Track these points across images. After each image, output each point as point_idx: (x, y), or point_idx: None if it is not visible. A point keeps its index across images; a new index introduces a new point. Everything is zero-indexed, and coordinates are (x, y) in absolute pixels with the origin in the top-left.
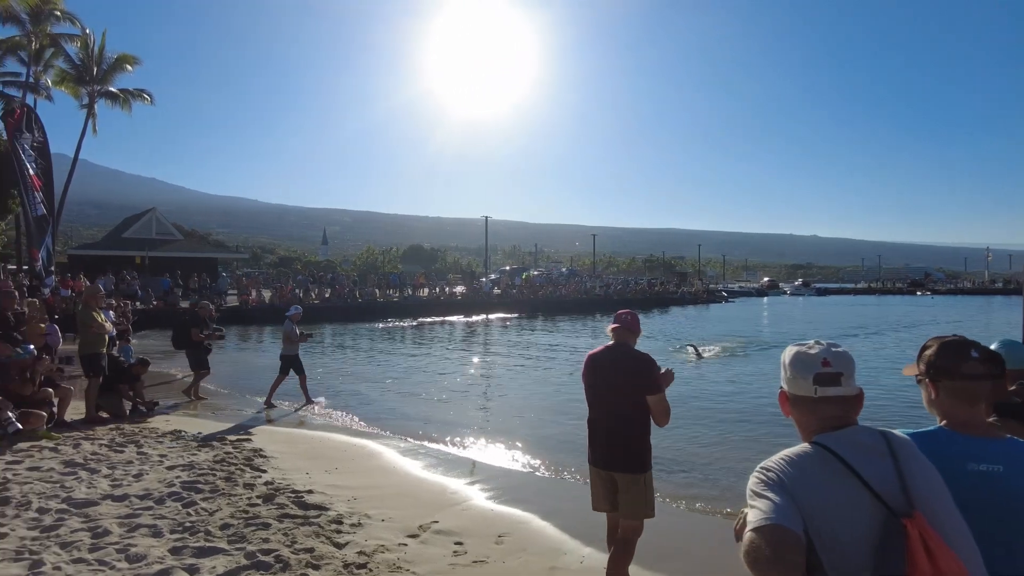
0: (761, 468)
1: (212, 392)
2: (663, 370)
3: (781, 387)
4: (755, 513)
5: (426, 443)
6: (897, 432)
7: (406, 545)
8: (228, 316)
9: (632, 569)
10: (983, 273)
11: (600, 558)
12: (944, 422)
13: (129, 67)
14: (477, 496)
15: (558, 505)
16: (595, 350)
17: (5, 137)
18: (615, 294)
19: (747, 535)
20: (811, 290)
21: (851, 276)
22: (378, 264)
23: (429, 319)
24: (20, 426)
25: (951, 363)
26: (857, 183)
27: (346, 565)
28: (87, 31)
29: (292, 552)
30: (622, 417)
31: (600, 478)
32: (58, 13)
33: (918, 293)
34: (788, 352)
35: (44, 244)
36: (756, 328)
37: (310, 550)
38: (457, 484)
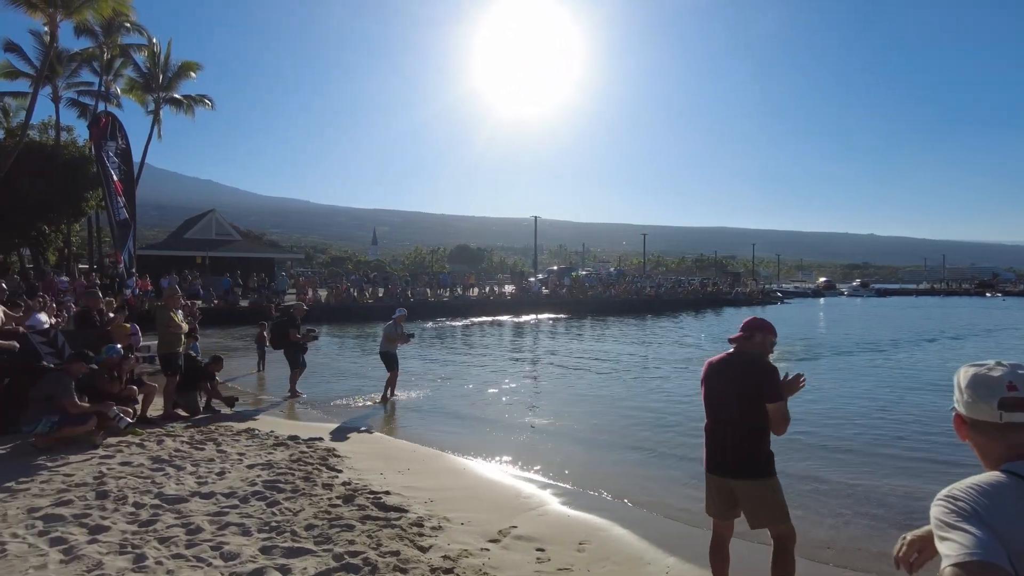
0: (948, 497)
1: (278, 390)
2: (789, 376)
3: (955, 409)
4: (954, 547)
5: (489, 446)
6: None
7: (488, 550)
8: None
9: None
10: None
11: (683, 569)
12: None
13: (192, 74)
14: (551, 501)
15: (633, 513)
16: (715, 357)
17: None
18: (666, 294)
19: (949, 570)
20: (870, 291)
21: (912, 276)
22: (426, 264)
23: (479, 319)
24: (130, 420)
25: None
26: (917, 179)
27: (433, 570)
28: (154, 40)
29: (379, 555)
30: (743, 425)
31: (716, 485)
32: (128, 25)
33: (987, 295)
34: (964, 373)
35: (126, 247)
36: (819, 331)
37: (395, 553)
38: (529, 488)
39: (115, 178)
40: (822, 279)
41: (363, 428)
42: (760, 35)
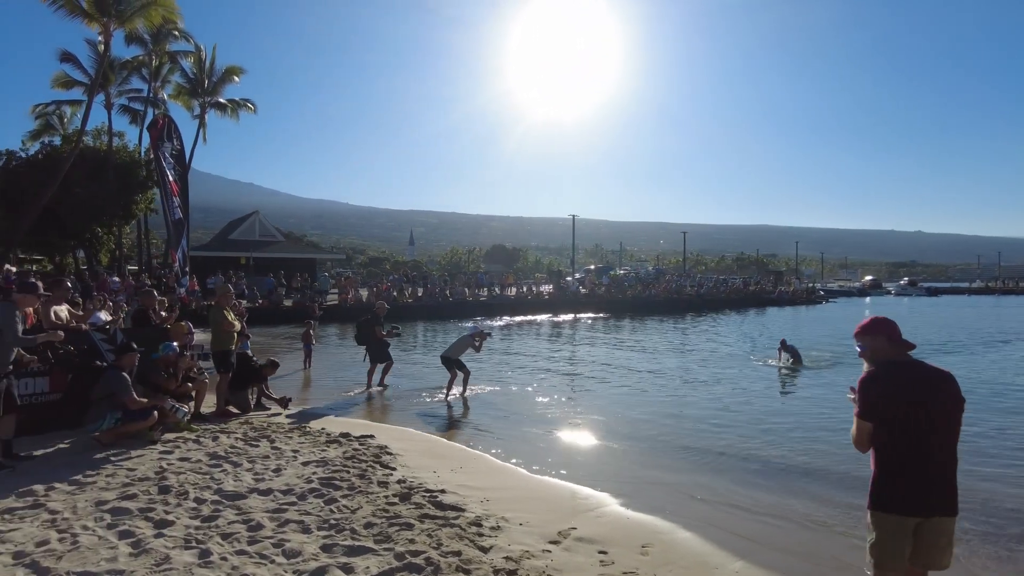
0: None
1: (324, 388)
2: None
3: None
4: None
5: (540, 445)
6: None
7: (550, 552)
8: (329, 314)
9: None
10: None
11: (752, 574)
12: None
13: (236, 78)
14: (608, 502)
15: (695, 515)
16: (889, 369)
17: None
18: (708, 294)
19: None
20: (920, 290)
21: (962, 275)
22: (462, 264)
23: (518, 317)
24: (187, 408)
25: None
26: (968, 173)
27: (496, 571)
28: (200, 47)
29: (440, 555)
30: (948, 449)
31: (903, 529)
32: (176, 32)
33: None
34: None
35: (181, 247)
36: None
37: (457, 553)
38: (584, 489)
39: (170, 178)
40: (868, 277)
41: (427, 425)
42: (802, 28)
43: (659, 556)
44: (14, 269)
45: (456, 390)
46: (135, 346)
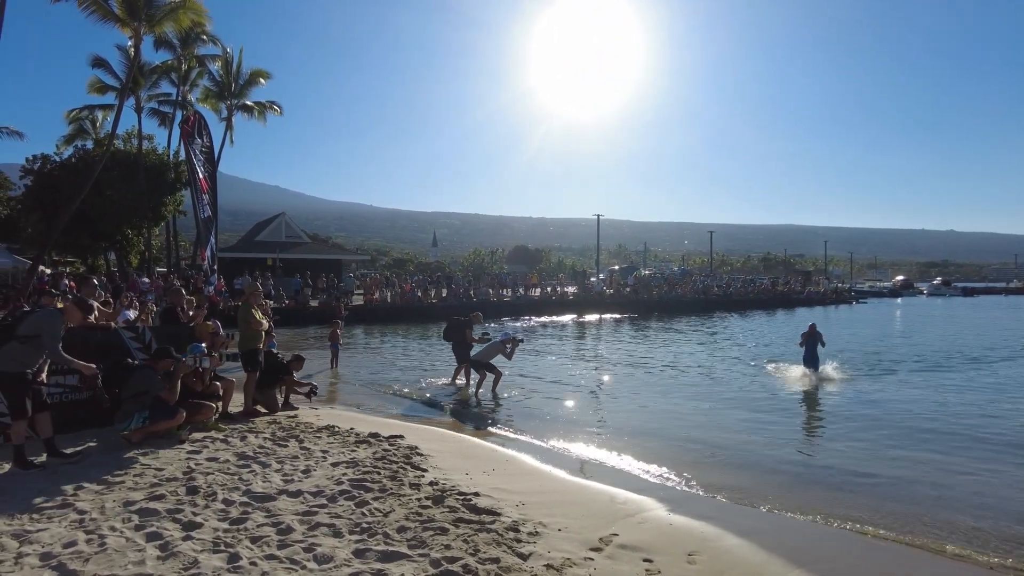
0: None
1: (351, 389)
2: None
3: None
4: None
5: (572, 447)
6: None
7: (592, 560)
8: (355, 315)
9: None
10: None
11: None
12: None
13: (262, 80)
14: (650, 507)
15: (744, 520)
16: None
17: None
18: (735, 294)
19: None
20: (954, 290)
21: (997, 274)
22: (485, 265)
23: (542, 318)
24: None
25: None
26: (1002, 170)
27: None
28: (227, 50)
29: (478, 562)
30: None
31: None
32: (204, 37)
33: None
34: None
35: (210, 244)
36: (955, 335)
37: (495, 560)
38: (624, 493)
39: (200, 175)
40: (899, 277)
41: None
42: (830, 25)
43: (708, 564)
44: (48, 271)
45: (486, 390)
46: (174, 352)
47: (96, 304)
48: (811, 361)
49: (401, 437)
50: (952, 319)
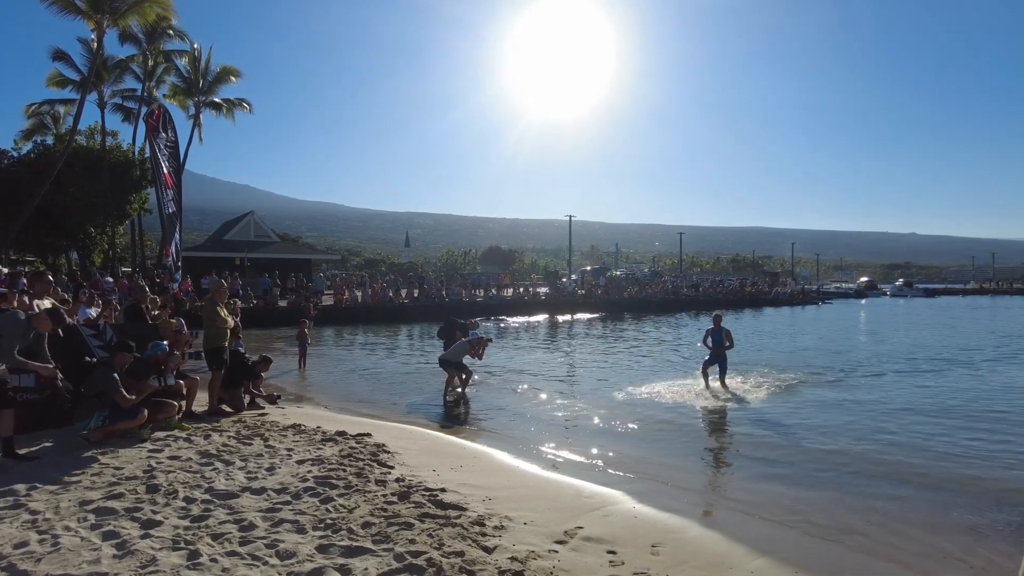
0: None
1: (319, 387)
2: None
3: None
4: None
5: (542, 443)
6: None
7: (556, 552)
8: (326, 315)
9: None
10: None
11: (772, 570)
12: None
13: (232, 78)
14: (615, 500)
15: (704, 512)
16: None
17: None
18: (703, 294)
19: None
20: (916, 291)
21: (956, 275)
22: (458, 265)
23: (514, 318)
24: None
25: None
26: (963, 175)
27: (501, 572)
28: (195, 46)
29: (442, 555)
30: None
31: None
32: (170, 32)
33: None
34: None
35: (174, 241)
36: (895, 336)
37: (460, 553)
38: (591, 487)
39: (165, 170)
40: (863, 279)
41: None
42: (795, 31)
43: (671, 555)
44: (5, 270)
45: (456, 389)
46: (132, 345)
47: (49, 301)
48: (717, 361)
49: (368, 435)
50: (913, 326)
